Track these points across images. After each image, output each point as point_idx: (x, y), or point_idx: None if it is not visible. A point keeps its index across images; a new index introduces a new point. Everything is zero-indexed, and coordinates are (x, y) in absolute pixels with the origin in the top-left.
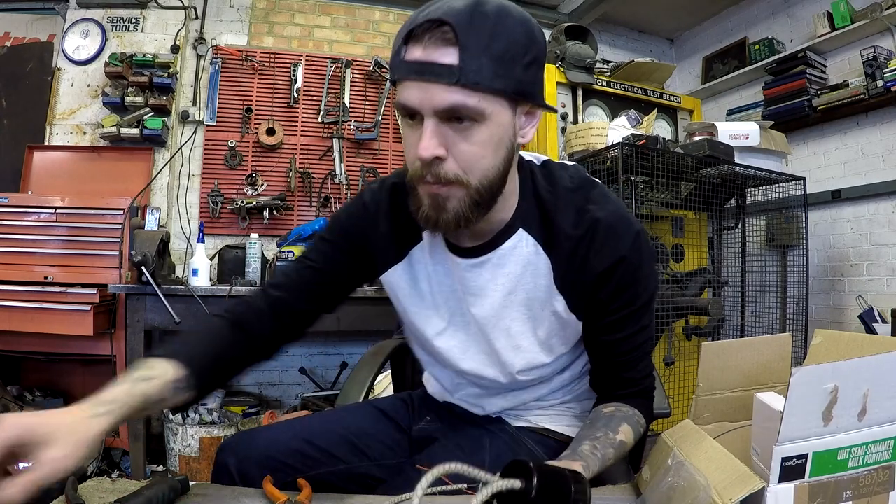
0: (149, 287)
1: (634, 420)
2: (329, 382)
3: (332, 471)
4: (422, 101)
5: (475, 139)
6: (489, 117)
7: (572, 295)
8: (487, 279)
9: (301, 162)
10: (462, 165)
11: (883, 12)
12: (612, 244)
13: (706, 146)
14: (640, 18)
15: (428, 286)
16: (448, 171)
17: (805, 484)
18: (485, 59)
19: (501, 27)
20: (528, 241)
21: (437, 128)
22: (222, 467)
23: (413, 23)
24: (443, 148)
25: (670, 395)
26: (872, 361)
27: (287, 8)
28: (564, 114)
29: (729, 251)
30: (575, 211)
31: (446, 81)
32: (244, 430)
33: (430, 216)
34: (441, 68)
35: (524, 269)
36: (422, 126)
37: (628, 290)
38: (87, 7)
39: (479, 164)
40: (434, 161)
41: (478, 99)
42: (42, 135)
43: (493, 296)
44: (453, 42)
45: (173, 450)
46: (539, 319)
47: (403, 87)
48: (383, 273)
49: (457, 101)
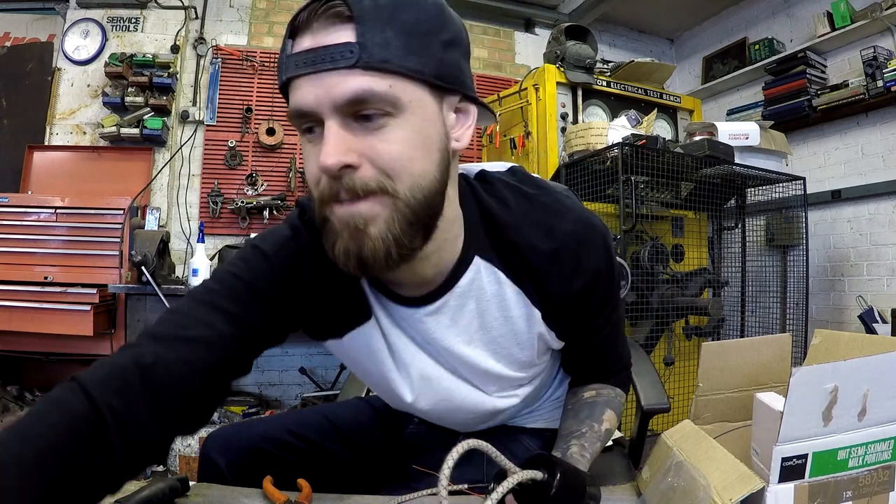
0: (149, 287)
1: (616, 402)
2: (329, 382)
3: (323, 464)
4: (318, 97)
5: (393, 137)
6: (407, 108)
7: (553, 319)
8: (447, 324)
9: (301, 162)
10: (383, 170)
11: (883, 12)
12: (587, 258)
13: (706, 146)
14: (640, 18)
15: (402, 341)
16: (366, 179)
17: (805, 484)
18: (390, 31)
19: (407, 1)
20: (489, 271)
21: (342, 130)
22: (208, 461)
23: (299, 10)
24: (352, 153)
25: (670, 395)
26: (872, 361)
27: (287, 8)
28: (564, 114)
29: (729, 251)
30: (537, 229)
31: (344, 64)
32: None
33: (349, 249)
34: (336, 50)
35: (490, 304)
36: (322, 133)
37: (608, 293)
38: (87, 7)
39: (406, 167)
40: (344, 171)
41: (388, 83)
42: (42, 135)
43: (458, 340)
44: (347, 16)
45: (173, 450)
46: (517, 350)
47: (295, 88)
48: (346, 334)
49: (361, 87)
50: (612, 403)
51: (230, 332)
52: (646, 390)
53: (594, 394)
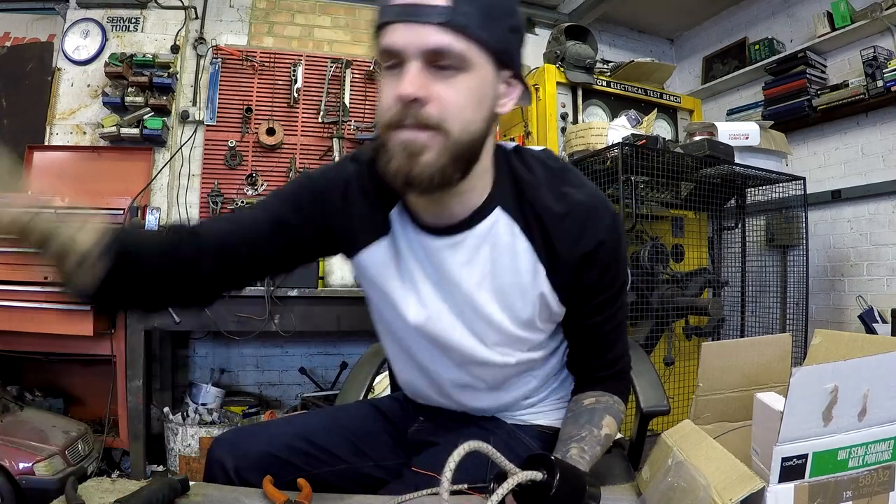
0: None
1: (615, 409)
2: (329, 382)
3: (332, 470)
4: (408, 41)
5: (459, 86)
6: (473, 67)
7: (556, 276)
8: (463, 262)
9: (301, 162)
10: (443, 111)
11: (883, 12)
12: (594, 226)
13: (706, 146)
14: (640, 18)
15: (413, 263)
16: (429, 115)
17: (805, 484)
18: (474, 6)
19: None
20: (505, 222)
21: (422, 70)
22: (217, 464)
23: None
24: (425, 90)
25: (670, 396)
26: (872, 361)
27: (287, 8)
28: (564, 114)
29: (729, 251)
30: (554, 193)
31: (436, 21)
32: (240, 427)
33: (401, 168)
34: (431, 9)
35: (502, 251)
36: (401, 72)
37: (610, 271)
38: (87, 7)
39: (462, 113)
40: (414, 103)
41: (465, 45)
42: (42, 135)
43: (470, 278)
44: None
45: (173, 450)
46: (521, 304)
47: (389, 30)
48: (363, 248)
49: (445, 42)
50: (611, 410)
51: (264, 217)
52: (645, 392)
53: (594, 401)
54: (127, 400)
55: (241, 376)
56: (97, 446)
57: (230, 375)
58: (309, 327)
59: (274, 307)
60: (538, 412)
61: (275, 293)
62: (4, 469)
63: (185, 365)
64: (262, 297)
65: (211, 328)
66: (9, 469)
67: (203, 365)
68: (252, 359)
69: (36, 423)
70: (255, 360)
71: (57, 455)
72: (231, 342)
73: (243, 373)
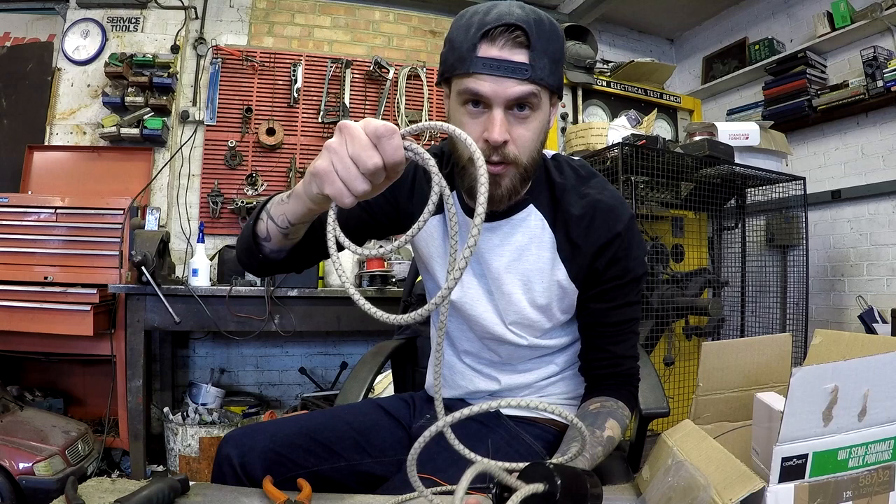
0: (149, 287)
1: (619, 414)
2: (329, 382)
3: (335, 467)
4: (496, 92)
5: (531, 125)
6: (541, 107)
7: (573, 265)
8: (496, 244)
9: (301, 162)
10: (520, 148)
11: (883, 12)
12: (611, 222)
13: (706, 146)
14: (640, 18)
15: (446, 250)
16: (509, 153)
17: (805, 484)
18: (546, 59)
19: (554, 33)
20: (537, 217)
21: (506, 116)
22: (225, 459)
23: (485, 24)
24: (508, 134)
25: (670, 396)
26: (872, 361)
27: (287, 8)
28: (564, 114)
29: (729, 251)
30: (578, 195)
31: (520, 77)
32: (248, 425)
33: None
34: (516, 66)
35: (530, 240)
36: (485, 113)
37: (620, 263)
38: (87, 7)
39: (530, 146)
40: (501, 145)
41: (539, 93)
42: (42, 135)
43: (500, 259)
44: (525, 45)
45: (173, 450)
46: (540, 288)
47: (476, 79)
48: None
49: (525, 92)
50: (615, 414)
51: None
52: (645, 394)
53: (598, 406)
54: (127, 400)
55: (241, 376)
56: (97, 446)
57: (230, 375)
58: (309, 327)
59: (274, 307)
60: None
61: (275, 293)
62: (4, 469)
63: (185, 365)
64: (262, 297)
65: (211, 328)
66: (9, 469)
67: (203, 365)
68: (252, 359)
69: (36, 423)
70: (255, 360)
71: (57, 455)
72: (231, 342)
73: (243, 373)
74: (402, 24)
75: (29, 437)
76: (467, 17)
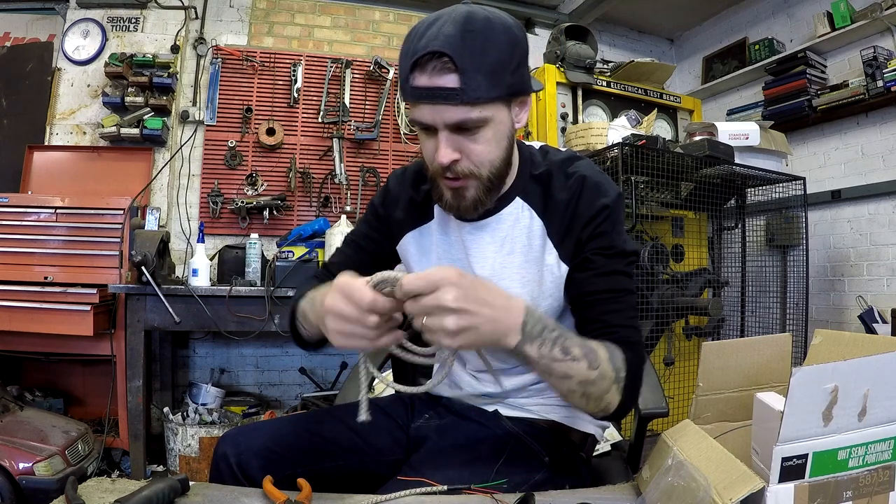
0: (149, 287)
1: (616, 351)
2: (329, 382)
3: (332, 466)
4: (434, 118)
5: (482, 139)
6: (491, 120)
7: (562, 244)
8: (487, 241)
9: (301, 162)
10: (474, 162)
11: (883, 12)
12: (597, 196)
13: (706, 146)
14: (640, 18)
15: (436, 256)
16: (463, 168)
17: (805, 484)
18: (480, 76)
19: (489, 42)
20: (524, 208)
21: (450, 137)
22: (221, 457)
23: (415, 52)
24: (456, 152)
25: (670, 396)
26: (872, 361)
27: (287, 8)
28: (564, 114)
29: (729, 251)
30: (564, 175)
31: (452, 102)
32: (245, 424)
33: (451, 205)
34: (446, 91)
35: (519, 230)
36: (436, 136)
37: (605, 236)
38: (87, 7)
39: (488, 158)
40: (451, 163)
41: (479, 110)
42: (42, 135)
43: (492, 256)
44: (453, 69)
45: (173, 450)
46: (535, 277)
47: (417, 108)
48: (399, 241)
49: (462, 116)
50: (608, 346)
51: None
52: (644, 394)
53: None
54: (127, 400)
55: (240, 376)
56: (97, 446)
57: (230, 375)
58: None
59: (274, 307)
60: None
61: (275, 293)
62: (4, 469)
63: (185, 365)
64: (262, 298)
65: (211, 328)
66: (9, 469)
67: (203, 365)
68: (252, 359)
69: (36, 423)
70: (255, 360)
71: (57, 455)
72: (231, 342)
73: (243, 373)
74: (402, 24)
75: (29, 437)
76: (408, 41)
